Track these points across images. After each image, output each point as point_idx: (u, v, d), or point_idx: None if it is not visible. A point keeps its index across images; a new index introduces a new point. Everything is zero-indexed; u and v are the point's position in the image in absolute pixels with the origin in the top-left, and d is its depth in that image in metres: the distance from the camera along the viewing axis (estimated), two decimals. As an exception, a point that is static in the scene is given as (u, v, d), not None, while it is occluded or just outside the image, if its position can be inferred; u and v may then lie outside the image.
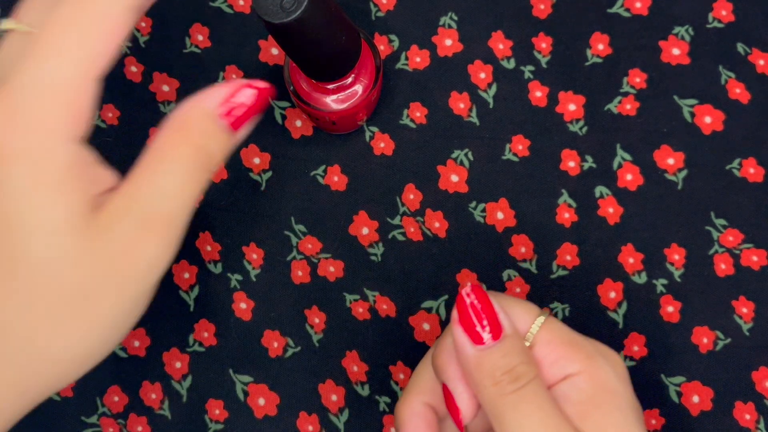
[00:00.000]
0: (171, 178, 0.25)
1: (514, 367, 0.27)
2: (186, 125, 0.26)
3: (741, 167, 0.38)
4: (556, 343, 0.28)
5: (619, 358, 0.29)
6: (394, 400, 0.37)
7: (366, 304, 0.38)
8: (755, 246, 0.37)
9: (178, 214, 0.25)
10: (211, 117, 0.26)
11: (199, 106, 0.26)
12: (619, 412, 0.27)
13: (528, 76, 0.39)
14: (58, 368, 0.25)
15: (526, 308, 0.29)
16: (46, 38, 0.24)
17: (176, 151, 0.25)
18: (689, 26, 0.39)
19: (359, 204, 0.38)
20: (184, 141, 0.26)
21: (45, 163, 0.24)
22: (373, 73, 0.35)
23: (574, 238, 0.38)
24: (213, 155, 0.26)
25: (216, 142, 0.26)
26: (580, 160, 0.38)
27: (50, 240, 0.24)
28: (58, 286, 0.24)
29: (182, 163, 0.25)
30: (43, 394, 0.25)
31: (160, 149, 0.25)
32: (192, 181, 0.26)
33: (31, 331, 0.24)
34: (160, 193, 0.25)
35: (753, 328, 0.37)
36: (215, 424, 0.37)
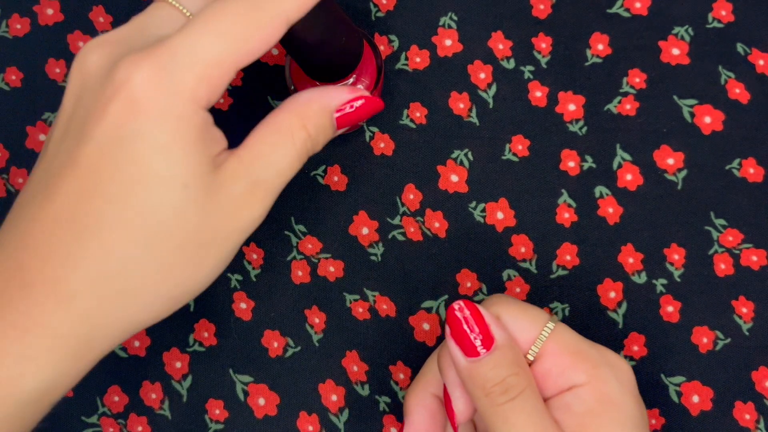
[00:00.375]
0: (284, 157, 0.28)
1: (504, 378, 0.28)
2: (307, 114, 0.29)
3: (741, 167, 0.38)
4: (563, 354, 0.29)
5: (625, 366, 0.29)
6: (394, 400, 0.37)
7: (366, 304, 0.38)
8: (755, 246, 0.37)
9: (279, 187, 0.29)
10: (329, 114, 0.30)
11: (323, 101, 0.30)
12: (618, 425, 0.27)
13: (528, 76, 0.39)
14: (164, 304, 0.28)
15: (533, 317, 0.29)
16: (209, 18, 0.27)
17: (294, 135, 0.29)
18: (689, 26, 0.39)
19: (359, 204, 0.38)
20: (302, 128, 0.29)
21: (184, 124, 0.26)
22: (375, 74, 0.35)
23: (573, 238, 0.38)
24: (317, 146, 0.30)
25: (324, 137, 0.30)
26: (579, 160, 0.38)
27: (181, 191, 0.26)
28: (181, 232, 0.27)
29: (296, 147, 0.29)
30: (147, 325, 0.28)
31: (279, 128, 0.29)
32: (297, 163, 0.29)
33: (146, 272, 0.27)
34: (271, 166, 0.28)
35: (753, 327, 0.37)
36: (215, 424, 0.37)
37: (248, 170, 0.28)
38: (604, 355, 0.29)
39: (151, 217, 0.26)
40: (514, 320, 0.29)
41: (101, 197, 0.26)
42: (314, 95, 0.30)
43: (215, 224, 0.27)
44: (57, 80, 0.40)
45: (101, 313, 0.26)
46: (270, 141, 0.28)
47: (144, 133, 0.26)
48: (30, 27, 0.40)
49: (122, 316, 0.27)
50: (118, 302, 0.26)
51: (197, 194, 0.27)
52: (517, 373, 0.28)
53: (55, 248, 0.26)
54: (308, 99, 0.30)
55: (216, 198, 0.27)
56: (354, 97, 0.31)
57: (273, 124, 0.29)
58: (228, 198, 0.27)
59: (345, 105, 0.30)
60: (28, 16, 0.41)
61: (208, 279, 0.28)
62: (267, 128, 0.29)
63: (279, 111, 0.29)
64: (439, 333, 0.38)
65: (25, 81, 0.40)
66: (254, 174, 0.28)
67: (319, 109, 0.29)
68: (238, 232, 0.28)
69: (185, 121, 0.26)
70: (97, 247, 0.26)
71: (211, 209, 0.27)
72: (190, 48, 0.26)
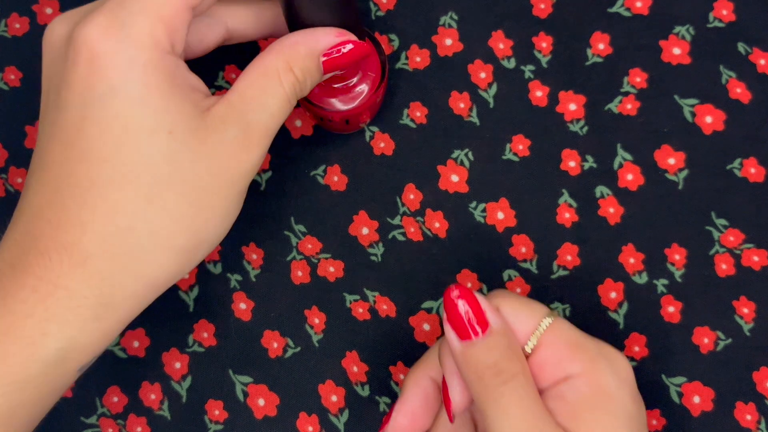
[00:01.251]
0: (275, 99, 0.29)
1: (497, 362, 0.28)
2: (293, 57, 0.29)
3: (742, 167, 0.38)
4: (560, 345, 0.29)
5: (623, 361, 0.29)
6: (394, 400, 0.37)
7: (366, 305, 0.38)
8: (756, 246, 0.37)
9: (273, 129, 0.29)
10: (316, 57, 0.30)
11: (309, 43, 0.30)
12: (611, 416, 0.28)
13: (528, 76, 0.39)
14: (180, 258, 0.28)
15: (532, 310, 0.30)
16: None
17: (282, 78, 0.29)
18: (690, 26, 0.39)
19: (359, 204, 0.38)
20: (289, 71, 0.29)
21: (153, 72, 0.26)
22: (379, 70, 0.35)
23: (574, 238, 0.38)
24: (305, 89, 0.30)
25: (310, 80, 0.30)
26: (580, 159, 0.38)
27: (168, 139, 0.27)
28: (179, 180, 0.27)
29: (284, 89, 0.29)
30: (167, 283, 0.28)
31: (267, 71, 0.29)
32: (287, 106, 0.29)
33: (155, 225, 0.27)
34: (263, 109, 0.28)
35: (754, 328, 0.37)
36: (215, 425, 0.37)
37: (240, 113, 0.28)
38: (602, 349, 0.29)
39: (146, 169, 0.26)
40: (514, 312, 0.30)
41: (93, 158, 0.26)
42: (301, 38, 0.30)
43: (214, 169, 0.28)
44: (56, 80, 0.40)
45: (116, 271, 0.27)
46: (259, 84, 0.29)
47: (117, 88, 0.26)
48: (29, 26, 0.40)
49: (138, 273, 0.27)
50: (132, 259, 0.27)
51: (186, 139, 0.27)
52: (510, 358, 0.28)
53: (62, 214, 0.26)
54: (295, 42, 0.29)
55: (209, 142, 0.27)
56: (341, 41, 0.30)
57: (260, 67, 0.29)
58: (223, 142, 0.28)
59: (332, 49, 0.30)
60: (27, 16, 0.40)
61: (220, 227, 0.29)
62: (255, 72, 0.29)
63: (266, 53, 0.29)
64: (439, 333, 0.37)
65: (24, 81, 0.40)
66: (246, 117, 0.28)
67: (306, 51, 0.29)
68: (240, 176, 0.28)
69: (154, 69, 0.26)
70: (100, 207, 0.26)
71: (206, 154, 0.27)
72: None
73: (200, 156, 0.27)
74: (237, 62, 0.40)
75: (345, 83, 0.34)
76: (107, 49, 0.26)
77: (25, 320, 0.26)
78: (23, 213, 0.28)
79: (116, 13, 0.27)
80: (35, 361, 0.26)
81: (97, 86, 0.26)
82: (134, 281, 0.27)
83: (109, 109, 0.26)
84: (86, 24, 0.27)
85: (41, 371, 0.26)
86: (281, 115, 0.29)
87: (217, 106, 0.28)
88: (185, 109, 0.27)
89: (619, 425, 0.27)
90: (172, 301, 0.38)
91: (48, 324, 0.26)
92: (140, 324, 0.38)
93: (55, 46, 0.28)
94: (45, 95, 0.29)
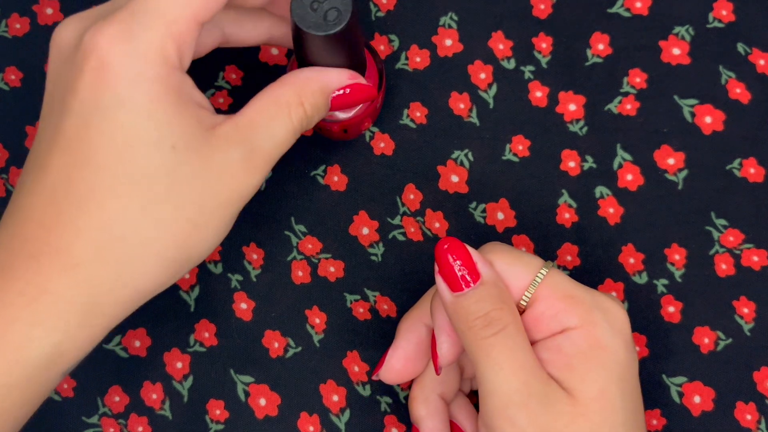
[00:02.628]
0: (281, 129, 0.29)
1: (487, 312, 0.28)
2: (305, 93, 0.30)
3: (741, 167, 0.38)
4: (556, 298, 0.29)
5: (619, 311, 0.30)
6: (395, 400, 0.37)
7: (367, 305, 0.38)
8: (756, 246, 0.37)
9: (275, 157, 0.29)
10: (327, 95, 0.31)
11: (323, 81, 0.30)
12: (604, 368, 0.28)
13: (528, 76, 0.39)
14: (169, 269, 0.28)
15: (527, 263, 0.30)
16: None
17: (291, 110, 0.29)
18: (689, 26, 0.39)
19: (359, 204, 0.38)
20: (299, 105, 0.29)
21: (160, 86, 0.27)
22: (377, 79, 0.35)
23: (574, 238, 0.38)
24: (311, 124, 0.31)
25: (318, 116, 0.31)
26: (580, 160, 0.38)
27: (171, 153, 0.27)
28: (176, 194, 0.27)
29: (292, 122, 0.29)
30: (153, 291, 0.28)
31: (278, 101, 0.29)
32: (292, 137, 0.30)
33: (148, 236, 0.27)
34: (269, 137, 0.29)
35: (754, 328, 0.37)
36: (216, 425, 0.37)
37: (246, 137, 0.28)
38: (598, 300, 0.30)
39: (145, 181, 0.27)
40: (508, 266, 0.30)
41: (91, 166, 0.26)
42: (315, 74, 0.30)
43: (213, 188, 0.28)
44: (57, 80, 0.40)
45: (105, 279, 0.27)
46: (268, 112, 0.29)
47: (123, 99, 0.26)
48: (29, 27, 0.40)
49: (126, 281, 0.27)
50: (121, 267, 0.27)
51: (189, 155, 0.27)
52: (501, 309, 0.28)
53: (56, 219, 0.26)
54: (308, 78, 0.30)
55: (211, 161, 0.28)
56: (352, 83, 0.31)
57: (272, 96, 0.29)
58: (225, 162, 0.28)
59: (342, 89, 0.31)
60: (27, 16, 0.40)
61: (211, 244, 0.29)
62: (266, 100, 0.29)
63: (279, 85, 0.30)
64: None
65: (25, 81, 0.40)
66: (252, 141, 0.28)
67: (318, 89, 0.30)
68: (239, 198, 0.29)
69: (161, 83, 0.27)
70: (97, 214, 0.26)
71: (207, 172, 0.27)
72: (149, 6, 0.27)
73: (201, 173, 0.27)
74: (238, 63, 0.40)
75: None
76: (117, 60, 0.26)
77: (11, 324, 0.26)
78: (14, 215, 0.27)
79: (128, 24, 0.27)
80: (20, 365, 0.26)
81: (103, 96, 0.26)
82: (122, 289, 0.27)
83: (115, 119, 0.26)
84: (97, 32, 0.26)
85: (26, 376, 0.26)
86: (285, 145, 0.30)
87: (224, 126, 0.28)
88: (190, 126, 0.27)
89: (611, 377, 0.28)
90: (173, 301, 0.38)
91: (34, 329, 0.26)
92: (142, 324, 0.38)
93: (64, 50, 0.28)
94: (49, 97, 0.29)
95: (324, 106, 0.31)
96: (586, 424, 0.27)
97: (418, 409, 0.33)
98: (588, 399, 0.28)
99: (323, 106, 0.31)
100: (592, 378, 0.28)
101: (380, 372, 0.33)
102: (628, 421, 0.28)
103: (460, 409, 0.34)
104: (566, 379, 0.28)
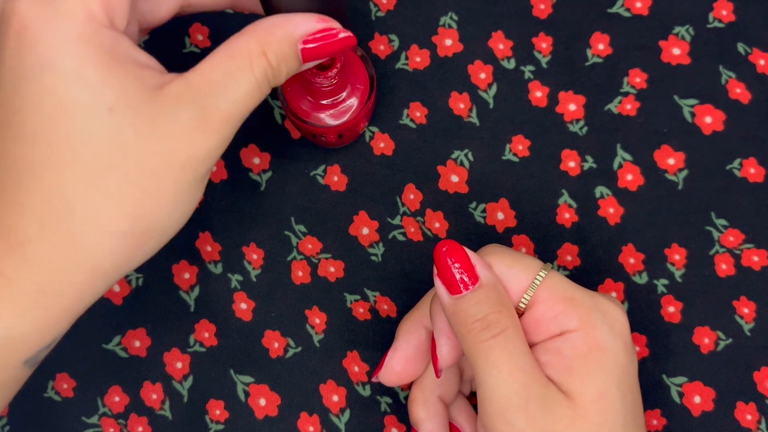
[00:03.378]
0: (240, 83, 0.26)
1: (485, 315, 0.28)
2: (268, 41, 0.27)
3: (741, 167, 0.38)
4: (555, 300, 0.29)
5: (618, 313, 0.30)
6: (395, 400, 0.37)
7: (366, 305, 0.38)
8: (756, 246, 0.37)
9: (237, 116, 0.27)
10: (293, 43, 0.27)
11: (288, 27, 0.27)
12: (604, 370, 0.28)
13: (528, 76, 0.39)
14: (124, 244, 0.26)
15: (526, 265, 0.30)
16: None
17: (253, 62, 0.26)
18: (689, 26, 0.39)
19: (359, 204, 0.38)
20: (261, 55, 0.27)
21: (89, 46, 0.25)
22: (367, 84, 0.35)
23: (574, 238, 0.38)
24: (279, 77, 0.28)
25: (286, 67, 0.28)
26: (580, 160, 0.38)
27: (108, 116, 0.25)
28: (121, 160, 0.25)
29: (254, 74, 0.27)
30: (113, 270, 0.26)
31: (235, 53, 0.26)
32: (257, 93, 0.27)
33: (96, 208, 0.25)
34: (226, 94, 0.26)
35: (754, 328, 0.37)
36: (216, 425, 0.37)
37: (197, 95, 0.26)
38: (597, 302, 0.29)
39: (84, 148, 0.25)
40: (508, 269, 0.30)
41: (26, 137, 0.25)
42: (278, 21, 0.27)
43: (163, 150, 0.26)
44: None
45: (56, 257, 0.25)
46: (225, 66, 0.26)
47: (47, 62, 0.24)
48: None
49: (79, 259, 0.25)
50: (72, 244, 0.25)
51: (129, 117, 0.25)
52: (499, 311, 0.28)
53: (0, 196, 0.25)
54: (271, 24, 0.27)
55: (158, 122, 0.25)
56: (323, 27, 0.28)
57: (229, 48, 0.27)
58: (174, 123, 0.26)
59: (312, 36, 0.28)
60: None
61: (172, 215, 0.27)
62: (222, 53, 0.27)
63: (238, 35, 0.27)
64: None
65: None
66: (204, 100, 0.26)
67: (283, 36, 0.27)
68: (193, 161, 0.26)
69: (88, 42, 0.25)
70: (37, 189, 0.25)
71: (154, 134, 0.25)
72: None
73: (148, 137, 0.25)
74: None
75: (334, 99, 0.34)
76: (37, 22, 0.24)
77: None
78: None
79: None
80: None
81: (28, 60, 0.24)
82: (75, 267, 0.25)
83: (40, 84, 0.24)
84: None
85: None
86: (247, 101, 0.27)
87: (172, 85, 0.26)
88: (128, 85, 0.25)
89: (611, 379, 0.28)
90: (173, 301, 0.38)
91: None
92: (141, 324, 0.38)
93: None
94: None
95: (293, 56, 0.28)
96: (586, 426, 0.27)
97: (418, 411, 0.33)
98: (587, 401, 0.27)
99: (292, 56, 0.27)
100: (591, 380, 0.28)
101: (380, 374, 0.33)
102: (627, 422, 0.28)
103: (460, 411, 0.34)
104: (566, 381, 0.28)
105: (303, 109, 0.35)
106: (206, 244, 0.39)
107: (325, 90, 0.33)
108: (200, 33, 0.40)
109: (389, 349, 0.33)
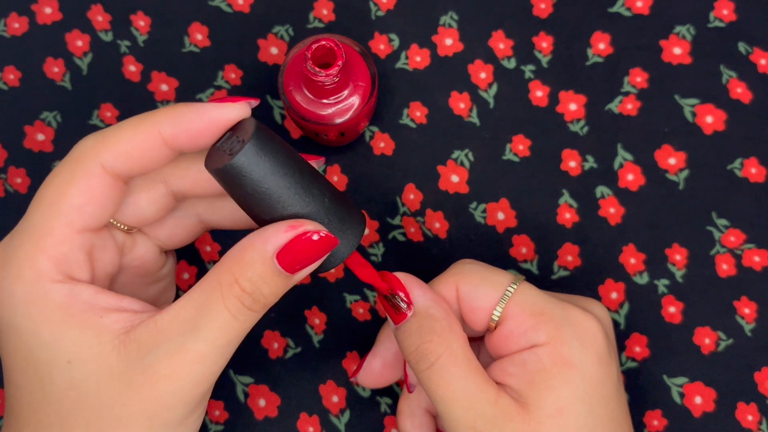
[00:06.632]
0: (210, 319, 0.25)
1: (417, 347, 0.29)
2: (239, 267, 0.25)
3: (742, 167, 0.38)
4: (525, 315, 0.29)
5: (591, 325, 0.29)
6: (395, 400, 0.37)
7: (366, 305, 0.38)
8: (757, 246, 0.37)
9: (211, 354, 0.25)
10: (267, 261, 0.26)
11: (257, 247, 0.26)
12: (567, 385, 0.28)
13: (529, 76, 0.39)
14: None
15: (493, 283, 0.30)
16: (37, 194, 0.27)
17: (223, 293, 0.25)
18: (690, 25, 0.39)
19: (359, 204, 0.38)
20: (233, 284, 0.25)
21: (38, 304, 0.26)
22: (369, 82, 0.35)
23: (575, 238, 0.38)
24: (263, 299, 0.26)
25: (269, 287, 0.26)
26: (581, 160, 0.38)
27: (68, 369, 0.25)
28: (86, 410, 0.26)
29: (226, 306, 0.25)
30: None
31: (208, 286, 0.26)
32: (233, 324, 0.26)
33: None
34: (195, 332, 0.25)
35: (755, 328, 0.36)
36: (215, 426, 0.37)
37: (164, 337, 0.25)
38: (569, 314, 0.29)
39: (51, 396, 0.26)
40: (474, 288, 0.30)
41: (11, 382, 0.27)
42: (249, 241, 0.26)
43: (128, 400, 0.25)
44: (55, 80, 0.40)
45: None
46: (196, 302, 0.25)
47: (10, 323, 0.26)
48: (28, 26, 0.40)
49: None
50: None
51: (90, 369, 0.25)
52: (430, 341, 0.28)
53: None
54: (241, 247, 0.26)
55: (120, 371, 0.25)
56: (294, 234, 0.26)
57: (203, 282, 0.26)
58: (138, 371, 0.25)
59: (285, 246, 0.26)
60: (26, 15, 0.40)
61: None
62: (197, 287, 0.26)
63: (213, 268, 0.26)
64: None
65: (23, 80, 0.40)
66: (170, 343, 0.25)
67: (253, 257, 0.25)
68: (159, 408, 0.25)
69: (39, 303, 0.26)
70: (15, 427, 0.27)
71: (118, 383, 0.25)
72: (24, 225, 0.26)
73: (109, 386, 0.25)
74: (237, 62, 0.40)
75: (336, 97, 0.34)
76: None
77: None
78: None
79: (5, 247, 0.26)
80: None
81: None
82: None
83: (8, 341, 0.26)
84: None
85: None
86: (222, 336, 0.25)
87: (139, 329, 0.25)
88: (84, 340, 0.25)
89: (574, 394, 0.28)
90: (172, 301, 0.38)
91: None
92: (140, 325, 0.38)
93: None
94: None
95: (271, 274, 0.26)
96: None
97: (405, 424, 0.33)
98: (543, 416, 0.27)
99: (270, 274, 0.26)
100: (552, 395, 0.28)
101: (358, 375, 0.33)
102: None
103: None
104: (526, 395, 0.28)
105: (305, 107, 0.35)
106: (206, 243, 0.38)
107: (327, 88, 0.33)
108: (199, 32, 0.40)
109: (368, 352, 0.33)
